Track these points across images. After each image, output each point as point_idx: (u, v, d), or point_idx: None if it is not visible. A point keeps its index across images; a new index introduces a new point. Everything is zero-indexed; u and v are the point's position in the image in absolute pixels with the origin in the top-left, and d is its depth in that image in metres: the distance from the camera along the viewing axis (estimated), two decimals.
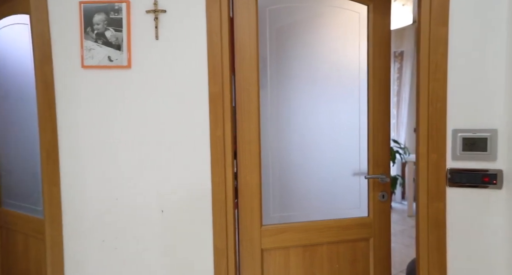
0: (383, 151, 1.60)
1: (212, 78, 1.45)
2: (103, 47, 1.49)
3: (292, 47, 1.52)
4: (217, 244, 1.46)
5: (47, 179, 1.56)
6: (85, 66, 1.50)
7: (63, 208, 1.57)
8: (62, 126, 1.54)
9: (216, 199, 1.46)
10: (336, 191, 1.59)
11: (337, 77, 1.56)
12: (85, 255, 1.56)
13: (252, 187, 1.51)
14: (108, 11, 1.46)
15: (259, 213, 1.51)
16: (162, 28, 1.46)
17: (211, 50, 1.44)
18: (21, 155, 1.86)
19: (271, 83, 1.52)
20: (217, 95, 1.45)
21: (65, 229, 1.57)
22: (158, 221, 1.51)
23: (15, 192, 1.92)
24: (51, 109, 1.54)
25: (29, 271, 1.81)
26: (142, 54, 1.48)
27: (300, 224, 1.55)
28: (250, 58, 1.47)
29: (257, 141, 1.50)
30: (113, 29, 1.47)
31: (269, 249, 1.53)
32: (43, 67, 1.52)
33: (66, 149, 1.55)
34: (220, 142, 1.46)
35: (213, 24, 1.43)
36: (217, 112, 1.45)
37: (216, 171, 1.46)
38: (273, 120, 1.53)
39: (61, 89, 1.53)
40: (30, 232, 1.78)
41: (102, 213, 1.54)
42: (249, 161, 1.50)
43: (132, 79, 1.49)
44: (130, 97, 1.50)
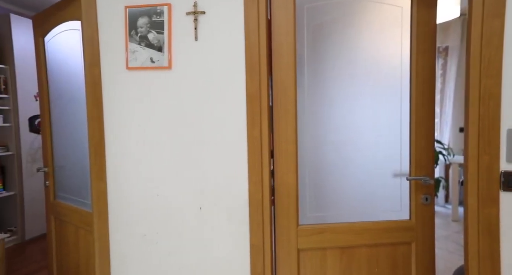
0: (426, 152, 1.52)
1: (249, 78, 1.46)
2: (146, 49, 1.55)
3: (329, 45, 1.49)
4: (253, 241, 1.48)
5: (95, 174, 1.66)
6: (129, 67, 1.58)
7: (109, 203, 1.66)
8: (109, 125, 1.63)
9: (252, 197, 1.48)
10: (375, 192, 1.54)
11: (377, 75, 1.51)
12: (129, 248, 1.64)
13: (289, 186, 1.50)
14: (151, 14, 1.52)
15: (296, 213, 1.50)
16: (201, 29, 1.50)
17: (248, 50, 1.45)
18: (72, 152, 2.00)
19: (308, 82, 1.50)
20: (255, 95, 1.46)
21: (111, 222, 1.66)
22: (196, 217, 1.55)
23: (66, 186, 2.06)
24: (99, 109, 1.63)
25: (79, 260, 1.94)
26: (182, 55, 1.52)
27: (338, 225, 1.52)
28: (288, 57, 1.46)
29: (293, 141, 1.49)
30: (155, 32, 1.53)
31: (305, 249, 1.51)
32: (92, 70, 1.62)
33: (112, 147, 1.63)
34: (257, 142, 1.47)
35: (251, 24, 1.44)
36: (254, 112, 1.46)
37: (253, 170, 1.47)
38: (309, 119, 1.51)
39: (107, 90, 1.62)
40: (80, 223, 1.90)
41: (144, 208, 1.61)
42: (286, 160, 1.50)
43: (172, 79, 1.54)
44: (170, 97, 1.55)
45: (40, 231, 3.73)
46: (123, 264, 1.65)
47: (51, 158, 2.13)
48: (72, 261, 1.99)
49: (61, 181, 2.10)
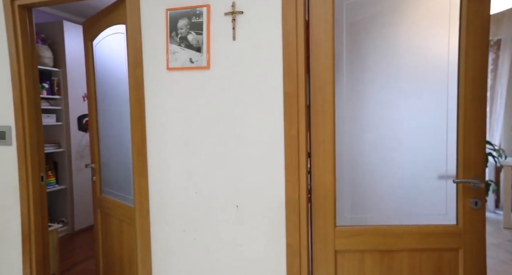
0: (476, 153, 1.42)
1: (287, 77, 1.45)
2: (186, 49, 1.60)
3: (369, 41, 1.44)
4: (290, 241, 1.47)
5: (137, 171, 1.74)
6: (169, 68, 1.63)
7: (150, 198, 1.73)
8: (150, 124, 1.70)
9: (289, 197, 1.47)
10: (417, 194, 1.47)
11: (421, 72, 1.43)
12: (169, 243, 1.70)
13: (326, 186, 1.47)
14: (191, 15, 1.56)
15: (333, 214, 1.47)
16: (239, 29, 1.51)
17: (286, 50, 1.44)
18: (116, 149, 2.11)
19: (347, 81, 1.46)
20: (292, 95, 1.45)
21: (152, 217, 1.73)
22: (232, 215, 1.57)
23: (111, 182, 2.18)
24: (141, 108, 1.70)
25: (123, 252, 2.05)
26: (220, 55, 1.55)
27: (377, 227, 1.47)
28: (326, 56, 1.44)
29: (331, 140, 1.46)
30: (194, 33, 1.57)
31: (343, 251, 1.48)
32: (135, 71, 1.69)
33: (153, 145, 1.70)
34: (294, 142, 1.46)
35: (289, 23, 1.43)
36: (291, 112, 1.45)
37: (290, 170, 1.46)
38: (348, 118, 1.47)
39: (149, 90, 1.69)
40: (124, 217, 2.00)
41: (183, 205, 1.66)
42: (323, 160, 1.47)
43: (210, 79, 1.57)
44: (208, 97, 1.58)
45: (87, 223, 3.99)
46: (163, 257, 1.71)
47: (98, 155, 2.26)
48: (117, 253, 2.10)
49: (106, 177, 2.22)
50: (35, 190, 2.02)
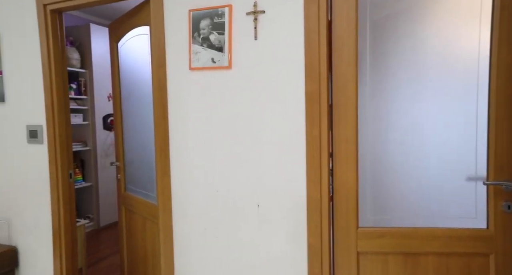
0: (509, 154, 1.35)
1: (308, 76, 1.43)
2: (208, 49, 1.61)
3: (393, 39, 1.40)
4: (311, 241, 1.45)
5: (160, 170, 1.77)
6: (192, 68, 1.65)
7: (173, 196, 1.76)
8: (173, 123, 1.73)
9: (311, 197, 1.45)
10: (444, 196, 1.42)
11: (448, 69, 1.38)
12: (191, 240, 1.72)
13: (348, 187, 1.45)
14: (213, 16, 1.58)
15: (355, 214, 1.45)
16: (261, 28, 1.51)
17: (308, 48, 1.42)
18: (139, 148, 2.16)
19: (370, 80, 1.43)
20: (314, 94, 1.43)
21: (174, 215, 1.76)
22: (253, 215, 1.58)
23: (135, 180, 2.24)
24: (164, 108, 1.73)
25: (146, 248, 2.10)
26: (241, 55, 1.55)
27: (401, 229, 1.43)
28: (348, 54, 1.41)
29: (354, 140, 1.43)
30: (216, 33, 1.58)
31: (365, 253, 1.45)
32: (158, 71, 1.73)
33: (176, 143, 1.73)
34: (316, 141, 1.44)
35: (311, 21, 1.41)
36: (313, 111, 1.43)
37: (312, 170, 1.45)
38: (370, 117, 1.44)
39: (172, 90, 1.72)
40: (147, 215, 2.05)
41: (204, 203, 1.68)
42: (346, 160, 1.45)
43: (232, 78, 1.58)
44: (230, 96, 1.59)
45: (112, 219, 4.11)
46: (185, 254, 1.74)
47: (122, 154, 2.33)
48: (140, 249, 2.15)
49: (130, 175, 2.28)
50: (64, 187, 2.10)
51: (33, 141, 2.15)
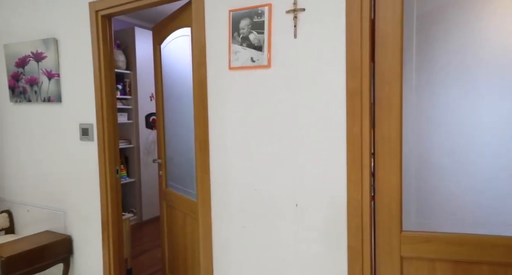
0: None
1: (350, 73, 1.40)
2: (247, 49, 1.63)
3: (442, 33, 1.32)
4: (351, 243, 1.42)
5: (200, 167, 1.82)
6: (231, 67, 1.68)
7: (212, 193, 1.80)
8: (213, 122, 1.77)
9: (351, 197, 1.42)
10: (501, 202, 1.31)
11: (505, 66, 1.27)
12: (229, 237, 1.75)
13: (391, 188, 1.39)
14: (252, 15, 1.59)
15: (399, 217, 1.39)
16: (300, 26, 1.49)
17: (349, 45, 1.39)
18: (180, 145, 2.23)
19: (416, 77, 1.36)
20: (355, 91, 1.39)
21: (213, 212, 1.80)
22: (292, 214, 1.57)
23: (175, 176, 2.32)
24: (204, 107, 1.78)
25: (186, 243, 2.17)
26: (280, 53, 1.55)
27: (451, 235, 1.34)
28: (393, 49, 1.35)
29: (398, 139, 1.37)
30: (256, 32, 1.59)
31: (409, 258, 1.39)
32: (199, 71, 1.77)
33: (215, 142, 1.77)
34: (357, 140, 1.40)
35: (353, 17, 1.37)
36: (354, 109, 1.40)
37: (352, 169, 1.41)
38: (415, 116, 1.37)
39: (212, 89, 1.75)
40: (187, 211, 2.11)
41: (243, 201, 1.70)
42: (389, 160, 1.39)
43: (271, 77, 1.58)
44: (269, 95, 1.60)
45: (154, 214, 4.30)
46: (224, 251, 1.78)
47: (164, 151, 2.42)
48: (181, 243, 2.23)
49: (171, 172, 2.37)
50: (111, 182, 2.23)
51: (85, 139, 2.30)
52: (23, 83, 2.58)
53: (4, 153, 2.83)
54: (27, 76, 2.54)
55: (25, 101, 2.58)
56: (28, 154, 2.67)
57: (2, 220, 2.72)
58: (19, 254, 2.13)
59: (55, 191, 2.52)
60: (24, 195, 2.72)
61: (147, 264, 2.99)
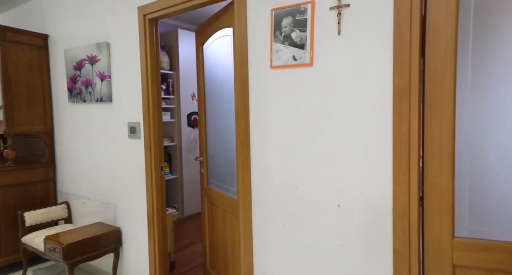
0: None
1: (397, 71, 1.34)
2: (289, 47, 1.62)
3: (504, 25, 1.21)
4: (397, 247, 1.36)
5: (241, 165, 1.85)
6: (273, 66, 1.68)
7: (253, 192, 1.82)
8: (254, 121, 1.78)
9: (397, 199, 1.36)
10: None
11: None
12: (269, 236, 1.76)
13: (442, 191, 1.31)
14: (295, 13, 1.58)
15: (451, 223, 1.30)
16: (345, 23, 1.46)
17: (397, 41, 1.33)
18: (221, 144, 2.28)
19: (472, 73, 1.27)
20: (403, 89, 1.33)
21: (254, 210, 1.82)
22: (334, 214, 1.54)
23: (216, 174, 2.37)
24: (246, 106, 1.80)
25: (226, 239, 2.21)
26: (323, 51, 1.52)
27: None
28: (446, 44, 1.27)
29: (450, 140, 1.29)
30: (298, 30, 1.58)
31: (463, 267, 1.30)
32: (240, 70, 1.80)
33: (256, 140, 1.78)
34: (405, 140, 1.34)
35: (402, 12, 1.31)
36: (402, 107, 1.33)
37: (399, 170, 1.35)
38: (469, 116, 1.28)
39: (253, 88, 1.77)
40: (227, 208, 2.15)
41: (284, 200, 1.70)
42: (439, 161, 1.31)
43: (313, 75, 1.56)
44: (311, 93, 1.58)
45: (195, 210, 4.43)
46: (264, 249, 1.79)
47: (205, 149, 2.48)
48: (221, 240, 2.28)
49: (212, 169, 2.42)
50: (156, 178, 2.34)
51: (132, 137, 2.43)
52: (79, 85, 2.78)
53: (63, 149, 3.08)
54: (83, 78, 2.74)
55: (81, 101, 2.79)
56: (82, 150, 2.88)
57: (62, 210, 2.97)
58: (76, 242, 2.31)
59: (106, 185, 2.70)
60: (79, 188, 2.94)
61: (188, 258, 3.10)
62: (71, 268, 2.30)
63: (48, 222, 2.87)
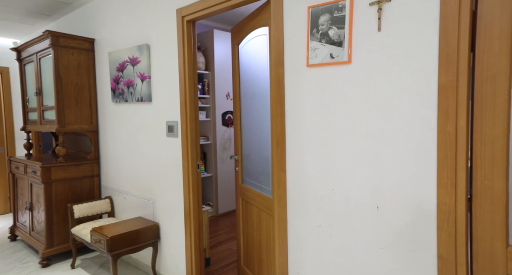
0: None
1: (443, 67, 1.26)
2: (326, 45, 1.59)
3: None
4: (442, 253, 1.29)
5: (276, 165, 1.84)
6: (309, 65, 1.66)
7: (288, 191, 1.81)
8: (289, 119, 1.77)
9: (442, 203, 1.29)
10: None
11: None
12: (305, 236, 1.74)
13: (494, 195, 1.22)
14: (333, 10, 1.54)
15: (505, 229, 1.21)
16: (385, 18, 1.40)
17: (443, 37, 1.25)
18: (256, 143, 2.29)
19: None
20: (449, 86, 1.25)
21: (289, 209, 1.81)
22: (373, 216, 1.49)
23: (251, 173, 2.39)
24: (281, 105, 1.79)
25: (261, 238, 2.22)
26: (362, 48, 1.48)
27: None
28: (500, 40, 1.18)
29: (504, 141, 1.20)
30: (336, 27, 1.54)
31: None
32: (276, 69, 1.79)
33: (292, 140, 1.77)
34: (451, 139, 1.26)
35: (449, 5, 1.23)
36: (448, 105, 1.26)
37: (444, 171, 1.28)
38: None
39: (289, 87, 1.76)
40: (262, 207, 2.16)
41: (319, 200, 1.67)
42: (490, 163, 1.22)
43: (351, 73, 1.52)
44: (349, 91, 1.54)
45: (229, 208, 4.50)
46: (300, 249, 1.77)
47: (240, 148, 2.51)
48: (256, 238, 2.29)
49: (247, 168, 2.44)
50: (193, 176, 2.40)
51: (170, 135, 2.52)
52: (122, 85, 2.93)
53: (107, 147, 3.25)
54: (125, 79, 2.88)
55: (123, 101, 2.93)
56: (124, 148, 3.03)
57: (106, 205, 3.14)
58: (119, 235, 2.44)
59: (145, 182, 2.81)
60: (121, 184, 3.10)
61: (223, 255, 3.15)
62: (114, 259, 2.43)
63: (93, 215, 3.06)
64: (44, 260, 2.97)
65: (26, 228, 3.37)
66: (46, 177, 2.95)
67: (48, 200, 2.98)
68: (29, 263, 3.06)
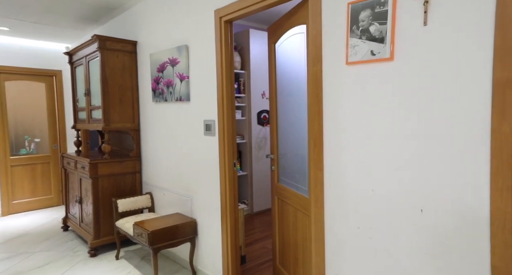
0: None
1: (499, 61, 1.17)
2: (367, 42, 1.53)
3: None
4: (495, 262, 1.20)
5: (313, 164, 1.82)
6: (349, 62, 1.61)
7: (325, 191, 1.78)
8: (327, 118, 1.74)
9: (496, 208, 1.19)
10: None
11: None
12: (343, 237, 1.70)
13: None
14: (374, 5, 1.49)
15: None
16: (432, 12, 1.33)
17: (501, 28, 1.16)
18: (292, 142, 2.27)
19: None
20: (507, 81, 1.16)
21: (326, 210, 1.77)
22: (416, 220, 1.42)
23: (287, 172, 2.37)
24: (319, 104, 1.76)
25: (297, 238, 2.20)
26: (406, 44, 1.41)
27: None
28: None
29: None
30: (377, 23, 1.49)
31: None
32: (314, 67, 1.76)
33: (330, 139, 1.73)
34: (507, 140, 1.17)
35: None
36: (505, 103, 1.17)
37: (499, 175, 1.19)
38: None
39: (327, 86, 1.72)
40: (298, 206, 2.14)
41: (358, 201, 1.62)
42: None
43: (394, 70, 1.46)
44: (391, 89, 1.47)
45: (263, 207, 4.52)
46: (337, 250, 1.74)
47: (276, 147, 2.50)
48: (292, 238, 2.28)
49: (283, 167, 2.43)
50: (229, 174, 2.43)
51: (208, 134, 2.57)
52: (162, 86, 3.04)
53: (147, 145, 3.40)
54: (165, 79, 2.99)
55: (163, 101, 3.04)
56: (163, 146, 3.14)
57: (146, 200, 3.29)
58: (159, 230, 2.54)
59: (183, 179, 2.90)
60: (161, 181, 3.22)
61: (258, 254, 3.17)
62: (155, 253, 2.54)
63: (135, 210, 3.21)
64: (92, 250, 3.17)
65: (76, 220, 3.62)
66: (93, 173, 3.15)
67: (95, 194, 3.18)
68: (79, 252, 3.28)
